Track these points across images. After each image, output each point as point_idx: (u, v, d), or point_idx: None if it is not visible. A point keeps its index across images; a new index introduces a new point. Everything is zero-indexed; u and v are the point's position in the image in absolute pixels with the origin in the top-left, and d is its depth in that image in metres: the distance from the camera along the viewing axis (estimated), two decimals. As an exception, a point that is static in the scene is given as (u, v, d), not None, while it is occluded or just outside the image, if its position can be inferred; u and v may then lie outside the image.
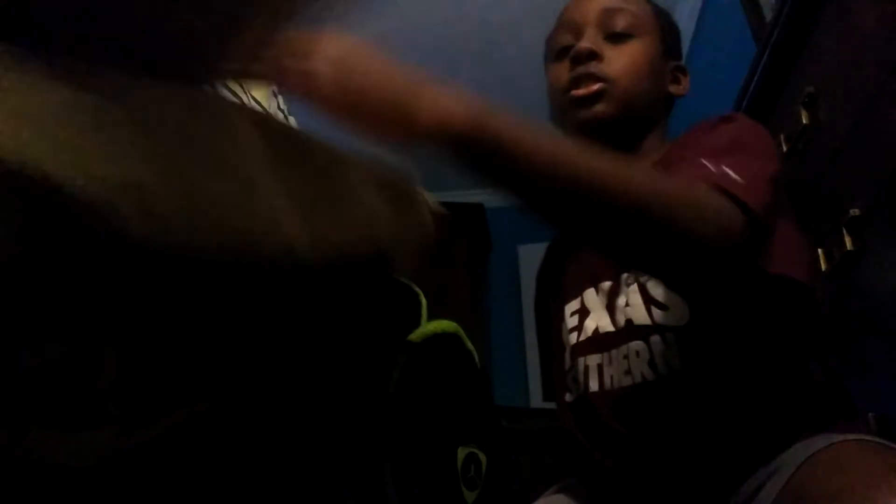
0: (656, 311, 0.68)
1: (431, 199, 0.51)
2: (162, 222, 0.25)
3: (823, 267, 0.95)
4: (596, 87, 0.78)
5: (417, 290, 0.53)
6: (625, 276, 0.74)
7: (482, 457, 0.52)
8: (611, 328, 0.74)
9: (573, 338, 0.79)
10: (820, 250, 0.95)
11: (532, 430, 1.43)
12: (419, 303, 0.52)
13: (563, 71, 0.83)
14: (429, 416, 0.48)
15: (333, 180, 0.41)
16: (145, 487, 0.32)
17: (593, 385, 0.74)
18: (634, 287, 0.71)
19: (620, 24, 0.81)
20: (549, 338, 0.91)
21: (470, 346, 0.55)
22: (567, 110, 0.82)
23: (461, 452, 0.49)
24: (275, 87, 1.43)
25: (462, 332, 0.54)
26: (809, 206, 0.94)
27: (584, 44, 0.80)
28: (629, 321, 0.71)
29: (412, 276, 0.56)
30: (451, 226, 2.90)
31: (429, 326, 0.49)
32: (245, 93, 1.13)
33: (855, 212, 0.86)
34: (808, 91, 0.99)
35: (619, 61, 0.80)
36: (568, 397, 0.81)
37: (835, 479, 0.51)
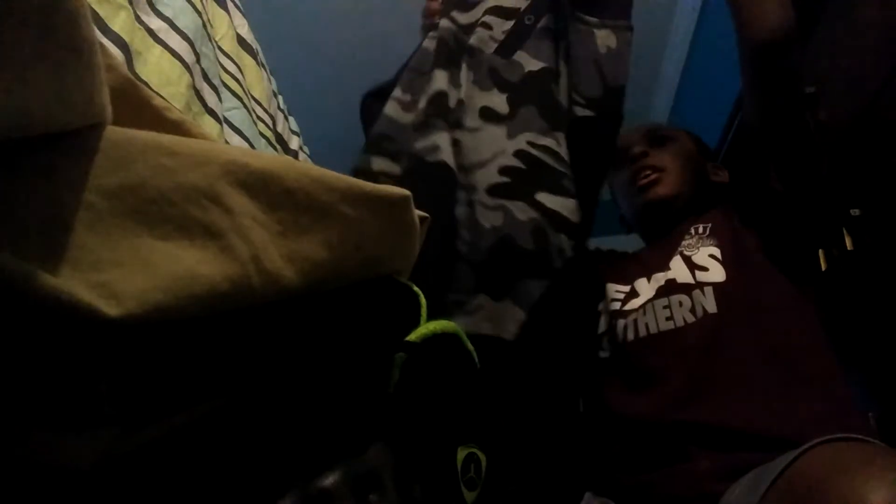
0: (699, 273, 0.86)
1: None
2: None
3: (823, 267, 0.95)
4: (653, 175, 1.03)
5: (417, 290, 0.53)
6: (674, 258, 0.91)
7: (482, 457, 0.52)
8: (651, 295, 0.91)
9: (615, 305, 0.97)
10: (820, 250, 0.95)
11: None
12: (419, 303, 0.52)
13: (625, 172, 1.08)
14: (428, 417, 0.48)
15: (310, 200, 0.41)
16: (145, 488, 0.32)
17: (630, 336, 0.92)
18: (678, 258, 0.90)
19: (661, 133, 1.08)
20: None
21: (470, 346, 0.55)
22: (634, 195, 1.05)
23: (461, 452, 0.49)
24: (275, 87, 1.43)
25: (462, 332, 0.53)
26: (809, 206, 0.94)
27: (636, 148, 1.06)
28: (671, 280, 0.89)
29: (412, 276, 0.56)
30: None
31: (429, 326, 0.49)
32: (246, 94, 1.13)
33: (855, 212, 0.86)
34: (809, 91, 0.99)
35: (666, 156, 1.05)
36: (602, 354, 0.98)
37: (817, 472, 0.57)
